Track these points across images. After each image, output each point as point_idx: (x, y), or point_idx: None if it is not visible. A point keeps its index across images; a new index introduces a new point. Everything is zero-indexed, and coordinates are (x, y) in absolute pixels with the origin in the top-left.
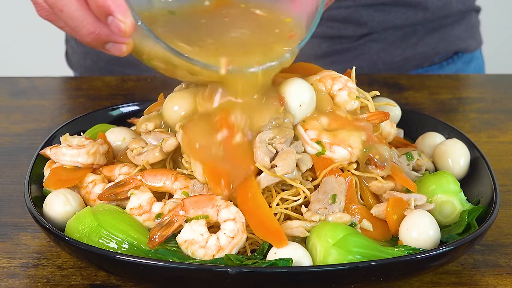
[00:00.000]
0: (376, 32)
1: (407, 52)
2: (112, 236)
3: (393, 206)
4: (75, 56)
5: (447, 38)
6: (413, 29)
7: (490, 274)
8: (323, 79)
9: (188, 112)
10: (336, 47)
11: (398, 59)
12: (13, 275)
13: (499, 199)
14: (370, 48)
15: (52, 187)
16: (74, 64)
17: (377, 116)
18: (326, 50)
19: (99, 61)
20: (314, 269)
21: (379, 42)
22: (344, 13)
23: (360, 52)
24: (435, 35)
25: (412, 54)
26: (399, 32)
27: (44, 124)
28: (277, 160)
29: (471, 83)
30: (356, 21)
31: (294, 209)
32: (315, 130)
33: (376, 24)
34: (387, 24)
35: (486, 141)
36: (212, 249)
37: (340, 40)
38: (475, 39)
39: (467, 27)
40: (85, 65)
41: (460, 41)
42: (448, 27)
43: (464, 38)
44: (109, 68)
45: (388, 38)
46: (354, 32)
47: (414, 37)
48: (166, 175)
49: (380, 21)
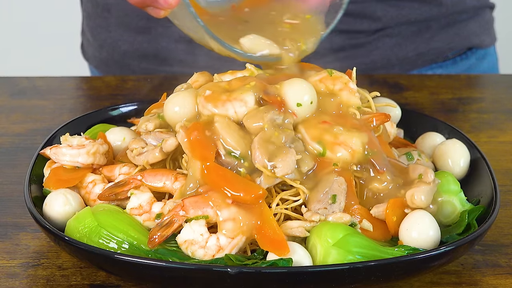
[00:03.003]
0: (390, 27)
1: (421, 47)
2: (112, 236)
3: (392, 208)
4: (90, 48)
5: (461, 34)
6: (427, 25)
7: (490, 274)
8: (324, 79)
9: (189, 112)
10: (351, 41)
11: (412, 54)
12: (13, 275)
13: (499, 199)
14: (384, 43)
15: (52, 187)
16: (90, 57)
17: (378, 118)
18: (341, 45)
19: (114, 53)
20: (314, 269)
21: (393, 37)
22: (358, 8)
23: (374, 47)
24: (449, 31)
25: (426, 49)
26: (413, 27)
27: (44, 124)
28: (276, 160)
29: (471, 83)
30: (370, 15)
31: (294, 209)
32: (316, 130)
33: (390, 19)
34: (401, 19)
35: (486, 141)
36: (212, 249)
37: (355, 35)
38: (489, 35)
39: (481, 23)
40: (100, 58)
41: (474, 37)
42: (462, 22)
43: (478, 34)
44: (125, 61)
45: (402, 33)
46: (369, 27)
47: (428, 32)
48: (166, 175)
49: (394, 16)
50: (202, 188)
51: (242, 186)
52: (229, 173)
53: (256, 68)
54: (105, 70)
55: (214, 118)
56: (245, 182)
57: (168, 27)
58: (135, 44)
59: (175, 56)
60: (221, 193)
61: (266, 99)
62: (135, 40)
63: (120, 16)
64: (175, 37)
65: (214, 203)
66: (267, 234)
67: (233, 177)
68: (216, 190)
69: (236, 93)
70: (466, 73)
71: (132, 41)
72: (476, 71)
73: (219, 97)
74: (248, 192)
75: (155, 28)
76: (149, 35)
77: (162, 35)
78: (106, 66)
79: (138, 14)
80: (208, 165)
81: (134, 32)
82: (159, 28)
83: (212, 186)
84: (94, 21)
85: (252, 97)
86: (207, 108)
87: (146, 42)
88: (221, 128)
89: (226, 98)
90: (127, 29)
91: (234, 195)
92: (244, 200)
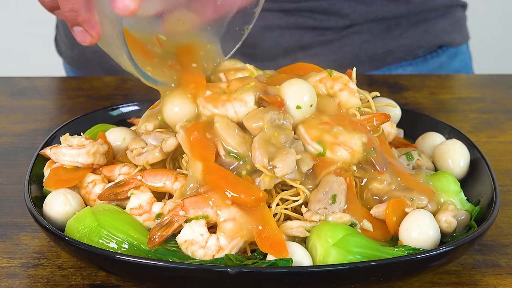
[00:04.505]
0: (359, 24)
1: (390, 44)
2: (112, 236)
3: (392, 208)
4: (62, 45)
5: (431, 32)
6: (396, 22)
7: (490, 274)
8: (324, 79)
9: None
10: (319, 38)
11: (381, 52)
12: (13, 275)
13: (499, 199)
14: (353, 40)
15: (52, 187)
16: (63, 53)
17: (378, 118)
18: (310, 42)
19: (86, 52)
20: (314, 269)
21: (362, 34)
22: (326, 5)
23: (343, 43)
24: (418, 28)
25: (395, 46)
26: (382, 24)
27: (44, 124)
28: (276, 160)
29: (471, 83)
30: (337, 12)
31: (294, 209)
32: (315, 130)
33: (358, 16)
34: (369, 16)
35: (486, 141)
36: (212, 249)
37: (323, 32)
38: (461, 34)
39: (452, 22)
40: (71, 55)
41: (444, 35)
42: (432, 20)
43: (448, 32)
44: (97, 59)
45: (371, 30)
46: (337, 24)
47: (397, 30)
48: (166, 175)
49: (362, 13)
50: (202, 188)
51: (243, 188)
52: (231, 175)
53: (256, 69)
54: (77, 67)
55: (214, 118)
56: (246, 184)
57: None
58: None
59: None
60: (221, 193)
61: (266, 99)
62: None
63: None
64: None
65: (214, 203)
66: (267, 237)
67: (235, 179)
68: (217, 191)
69: (236, 93)
70: (437, 71)
71: None
72: (447, 69)
73: (219, 97)
74: (248, 194)
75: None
76: None
77: None
78: (78, 63)
79: None
80: (209, 166)
81: None
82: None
83: (212, 186)
84: None
85: (252, 97)
86: (207, 108)
87: None
88: (221, 128)
89: (226, 98)
90: None
91: (234, 197)
92: (244, 202)
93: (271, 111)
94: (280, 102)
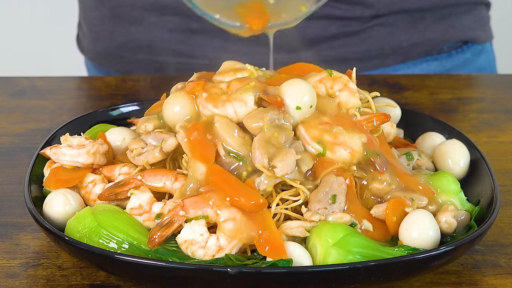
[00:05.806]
0: (384, 15)
1: (415, 37)
2: (112, 236)
3: (392, 208)
4: (85, 41)
5: (456, 27)
6: (421, 15)
7: (490, 274)
8: (324, 79)
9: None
10: (345, 29)
11: (406, 45)
12: (13, 275)
13: (499, 199)
14: (378, 32)
15: (52, 187)
16: (85, 49)
17: (378, 118)
18: (335, 33)
19: (110, 46)
20: (314, 269)
21: (387, 27)
22: None
23: (368, 35)
24: (443, 23)
25: (421, 40)
26: (408, 17)
27: (44, 124)
28: (276, 160)
29: (471, 83)
30: (363, 1)
31: (294, 209)
32: (315, 131)
33: (383, 6)
34: (394, 6)
35: (486, 141)
36: (212, 249)
37: (349, 22)
38: (485, 32)
39: (476, 19)
40: (95, 51)
41: (469, 31)
42: (457, 16)
43: (473, 28)
44: (120, 53)
45: (396, 22)
46: (361, 14)
47: (422, 23)
48: (166, 175)
49: (387, 3)
50: (202, 188)
51: (244, 192)
52: (233, 178)
53: (256, 69)
54: (100, 62)
55: (214, 118)
56: (247, 189)
57: (161, 17)
58: (128, 35)
59: (169, 46)
60: (221, 193)
61: (266, 99)
62: (128, 31)
63: (113, 7)
64: (169, 27)
65: (214, 203)
66: (266, 241)
67: (236, 183)
68: (217, 191)
69: (236, 93)
70: (461, 67)
71: (125, 32)
72: (472, 66)
73: (219, 97)
74: (248, 198)
75: (148, 18)
76: (142, 26)
77: (155, 25)
78: (101, 59)
79: (131, 4)
80: (213, 168)
81: (127, 22)
82: (152, 18)
83: (213, 187)
84: (89, 13)
85: (252, 97)
86: (207, 108)
87: (140, 33)
88: (221, 129)
89: (226, 98)
90: (120, 20)
91: (234, 200)
92: (244, 206)
93: (271, 111)
94: (280, 102)
